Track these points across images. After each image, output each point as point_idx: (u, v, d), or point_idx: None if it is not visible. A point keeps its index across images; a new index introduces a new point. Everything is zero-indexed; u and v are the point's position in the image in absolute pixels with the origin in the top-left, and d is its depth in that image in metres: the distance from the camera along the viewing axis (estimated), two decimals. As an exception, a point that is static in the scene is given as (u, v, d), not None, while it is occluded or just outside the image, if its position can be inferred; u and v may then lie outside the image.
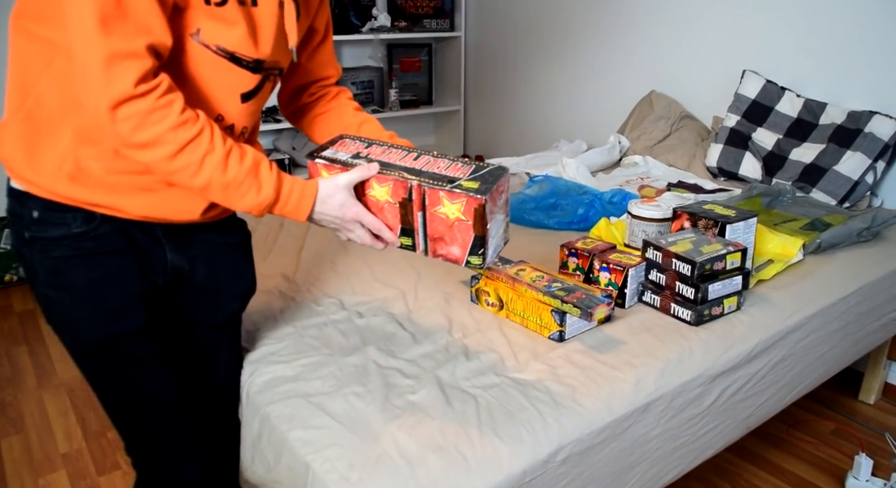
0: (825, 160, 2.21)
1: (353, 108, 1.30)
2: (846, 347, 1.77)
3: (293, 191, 1.03)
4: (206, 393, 1.26)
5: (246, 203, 0.99)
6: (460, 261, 1.06)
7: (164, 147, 0.91)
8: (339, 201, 1.05)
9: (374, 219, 1.08)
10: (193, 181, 0.95)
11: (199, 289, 1.16)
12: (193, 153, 0.93)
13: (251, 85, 1.03)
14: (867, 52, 2.25)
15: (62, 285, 1.03)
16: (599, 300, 1.31)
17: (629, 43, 3.01)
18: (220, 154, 0.95)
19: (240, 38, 0.97)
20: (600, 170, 2.66)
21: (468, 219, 1.02)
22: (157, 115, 0.89)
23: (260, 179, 0.99)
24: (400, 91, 3.76)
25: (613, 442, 1.19)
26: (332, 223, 1.08)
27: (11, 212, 1.02)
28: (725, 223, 1.52)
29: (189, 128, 0.91)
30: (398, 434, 1.07)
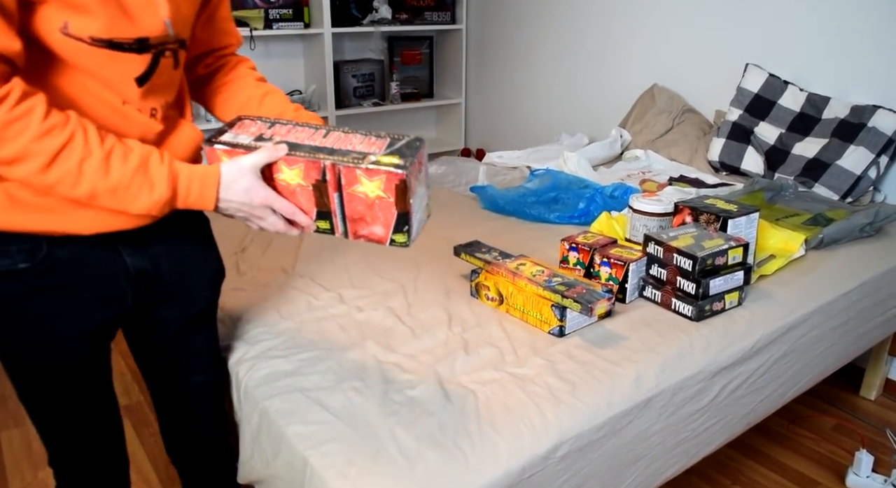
0: (828, 155, 2.20)
1: (254, 78, 1.19)
2: (848, 343, 1.76)
3: (192, 181, 0.94)
4: (185, 391, 1.23)
5: (140, 205, 0.91)
6: (384, 240, 1.00)
7: (33, 160, 0.82)
8: (245, 186, 0.96)
9: (285, 203, 0.99)
10: (76, 191, 0.87)
11: (168, 286, 1.11)
12: (68, 161, 0.84)
13: (142, 67, 0.93)
14: (871, 46, 2.23)
15: (7, 316, 0.99)
16: (600, 295, 1.30)
17: (631, 36, 2.99)
18: (99, 156, 0.86)
19: (110, 22, 0.87)
20: (602, 164, 2.65)
21: (389, 196, 0.95)
22: (16, 126, 0.80)
23: (151, 176, 0.90)
24: (401, 84, 3.74)
25: (613, 437, 1.18)
26: (240, 211, 0.98)
27: None
28: (727, 218, 1.51)
29: (57, 135, 0.83)
30: (397, 429, 1.06)
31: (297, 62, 3.53)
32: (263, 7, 3.19)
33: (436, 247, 1.77)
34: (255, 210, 0.98)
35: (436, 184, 2.43)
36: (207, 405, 1.26)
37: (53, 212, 0.93)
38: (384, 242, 1.00)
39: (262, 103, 1.16)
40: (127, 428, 2.08)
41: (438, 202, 2.22)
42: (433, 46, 3.90)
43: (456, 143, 3.98)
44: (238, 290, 1.54)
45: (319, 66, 3.37)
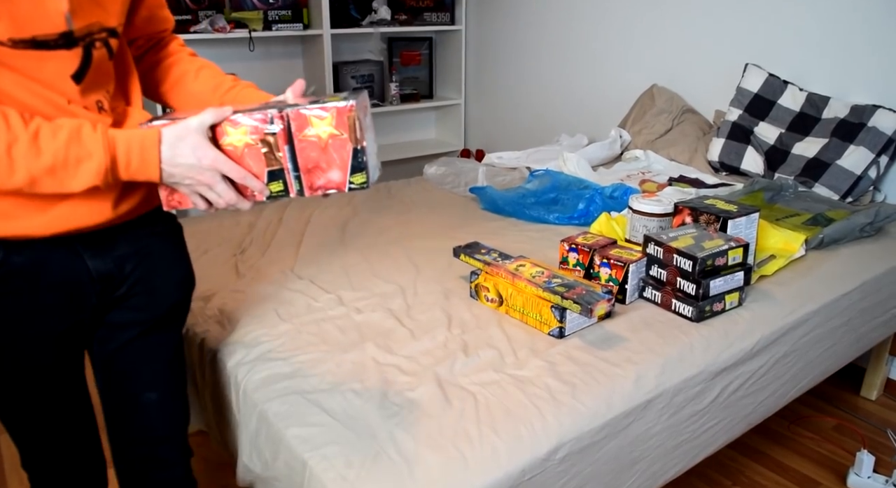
0: (828, 154, 2.19)
1: (187, 53, 1.15)
2: (848, 343, 1.76)
3: (131, 144, 0.87)
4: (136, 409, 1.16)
5: (82, 179, 0.85)
6: (342, 185, 0.96)
7: None
8: (192, 144, 0.89)
9: (235, 166, 0.92)
10: (13, 180, 0.82)
11: (133, 287, 1.06)
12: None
13: (75, 63, 0.90)
14: (870, 46, 2.23)
15: None
16: (600, 296, 1.30)
17: (631, 36, 2.99)
18: (26, 138, 0.81)
19: (26, 19, 0.83)
20: (601, 165, 2.64)
21: (342, 132, 0.92)
22: None
23: (86, 145, 0.84)
24: (400, 85, 3.74)
25: (614, 439, 1.18)
26: (187, 177, 0.91)
27: None
28: (727, 218, 1.50)
29: None
30: (396, 431, 1.06)
31: (297, 63, 3.53)
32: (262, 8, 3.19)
33: (435, 248, 1.77)
34: (203, 174, 0.91)
35: (435, 185, 2.42)
36: (162, 429, 1.18)
37: (7, 217, 0.90)
38: (343, 188, 0.96)
39: (198, 77, 1.12)
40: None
41: (438, 202, 2.22)
42: (433, 47, 3.89)
43: (455, 144, 3.98)
44: (237, 292, 1.53)
45: (319, 67, 3.37)
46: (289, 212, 2.08)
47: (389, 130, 3.98)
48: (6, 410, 1.07)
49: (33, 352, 1.01)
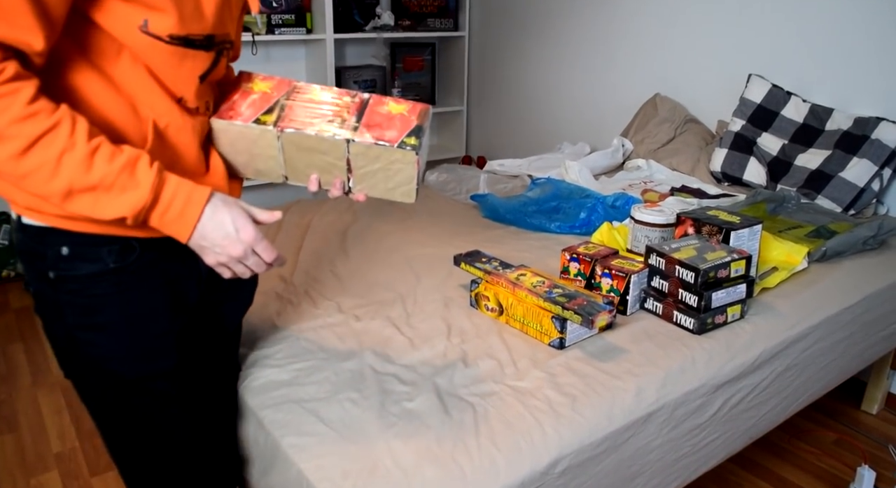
0: (831, 166, 2.18)
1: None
2: (851, 357, 1.74)
3: (178, 193, 0.86)
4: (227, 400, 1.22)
5: (116, 208, 0.82)
6: (394, 140, 0.99)
7: (9, 143, 0.76)
8: (234, 214, 0.89)
9: (270, 248, 0.93)
10: (50, 186, 0.79)
11: (226, 291, 1.11)
12: (47, 150, 0.77)
13: (207, 64, 0.92)
14: (874, 58, 2.22)
15: (97, 325, 0.94)
16: (601, 307, 1.29)
17: (634, 45, 2.98)
18: (83, 151, 0.79)
19: (188, 17, 0.86)
20: (603, 173, 2.63)
21: (412, 115, 1.02)
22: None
23: (136, 177, 0.82)
24: (403, 90, 3.73)
25: (614, 452, 1.16)
26: (218, 245, 0.89)
27: (28, 251, 0.91)
28: (730, 230, 1.49)
29: (40, 121, 0.77)
30: (394, 442, 1.04)
31: (299, 67, 3.52)
32: (266, 12, 3.19)
33: (435, 256, 1.76)
34: (235, 247, 0.90)
35: (437, 192, 2.41)
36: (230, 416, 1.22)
37: None
38: (394, 142, 0.99)
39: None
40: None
41: (439, 209, 2.21)
42: (435, 53, 3.89)
43: (457, 151, 3.97)
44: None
45: (321, 71, 3.37)
46: (288, 218, 2.06)
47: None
48: (126, 433, 1.04)
49: (158, 353, 1.00)
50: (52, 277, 0.91)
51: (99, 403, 1.02)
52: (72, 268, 0.90)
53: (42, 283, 0.92)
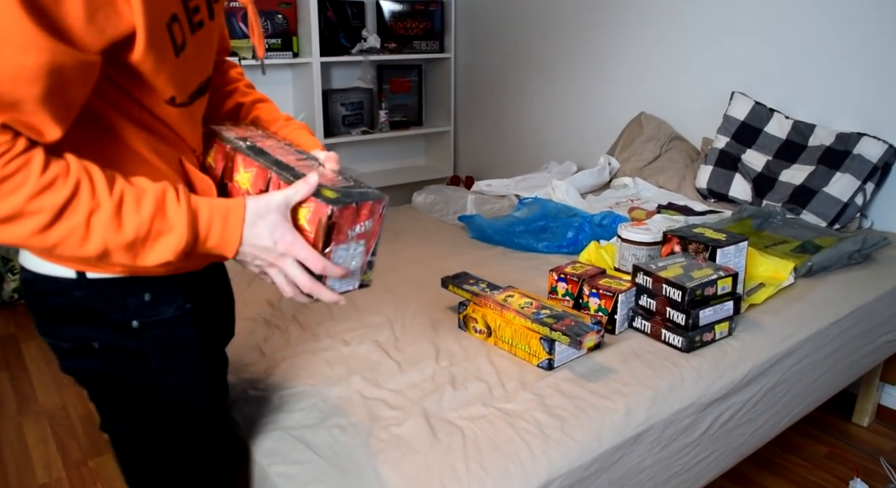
0: (815, 182, 2.21)
1: (245, 84, 1.12)
2: (839, 371, 1.75)
3: (214, 217, 0.81)
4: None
5: (158, 255, 0.78)
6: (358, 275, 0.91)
7: (31, 219, 0.71)
8: (271, 224, 0.83)
9: (314, 254, 0.84)
10: (84, 250, 0.75)
11: (216, 312, 1.06)
12: (74, 216, 0.72)
13: (205, 105, 0.93)
14: (855, 75, 2.25)
15: (182, 366, 0.93)
16: (589, 327, 1.29)
17: (619, 64, 3.02)
18: (110, 208, 0.74)
19: (202, 67, 0.86)
20: (590, 192, 2.65)
21: (311, 230, 0.84)
22: (11, 183, 0.69)
23: (168, 219, 0.78)
24: (390, 112, 3.75)
25: (604, 474, 1.16)
26: (258, 258, 0.85)
27: (97, 306, 0.86)
28: (716, 247, 1.50)
29: (60, 189, 0.71)
30: (382, 468, 1.04)
31: (286, 91, 3.54)
32: (252, 37, 3.20)
33: (423, 278, 1.76)
34: (276, 258, 0.85)
35: (424, 213, 2.42)
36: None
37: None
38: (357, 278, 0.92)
39: (253, 112, 1.10)
40: (109, 463, 2.04)
41: (427, 231, 2.21)
42: (422, 75, 3.92)
43: (445, 171, 3.99)
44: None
45: (308, 94, 3.38)
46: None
47: (378, 157, 3.98)
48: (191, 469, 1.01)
49: (224, 386, 1.04)
50: (136, 326, 0.88)
51: (166, 447, 0.98)
52: (156, 313, 0.88)
53: (118, 335, 0.88)
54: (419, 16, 3.66)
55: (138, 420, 0.95)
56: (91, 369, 0.91)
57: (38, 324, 0.91)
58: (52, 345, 0.91)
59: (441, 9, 3.70)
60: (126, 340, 0.88)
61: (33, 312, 0.91)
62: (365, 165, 3.93)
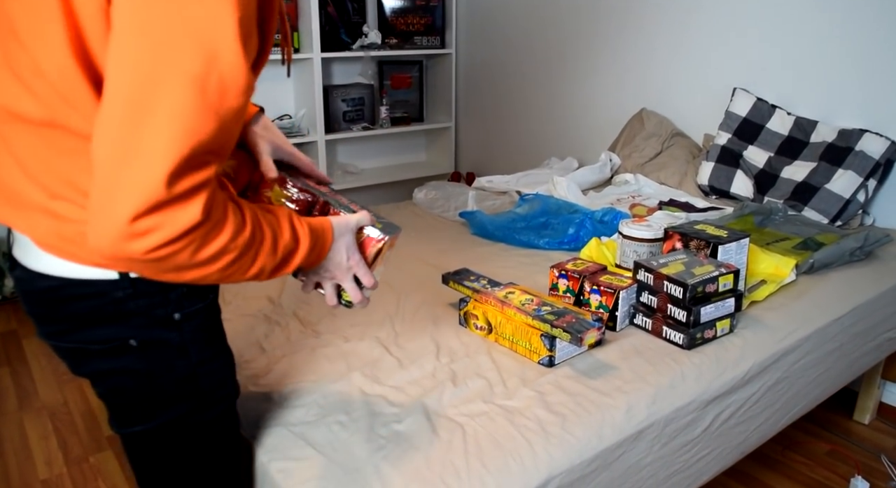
0: (816, 178, 2.20)
1: None
2: (841, 368, 1.75)
3: (317, 237, 0.92)
4: None
5: (287, 270, 0.90)
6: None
7: (226, 257, 0.78)
8: (347, 242, 0.96)
9: (369, 274, 0.99)
10: (246, 275, 0.84)
11: None
12: (251, 250, 0.81)
13: None
14: (857, 71, 2.24)
15: (217, 352, 0.98)
16: (590, 324, 1.28)
17: (620, 61, 3.01)
18: (270, 238, 0.84)
19: None
20: (591, 189, 2.64)
21: (368, 252, 1.00)
22: (219, 227, 0.76)
23: (300, 240, 0.90)
24: (391, 108, 3.75)
25: (605, 471, 1.16)
26: (328, 271, 0.97)
27: (150, 303, 0.88)
28: (717, 244, 1.50)
29: (246, 229, 0.80)
30: (382, 465, 1.03)
31: (287, 86, 3.53)
32: (253, 32, 3.19)
33: (424, 274, 1.75)
34: (341, 272, 0.97)
35: (425, 209, 2.41)
36: None
37: None
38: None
39: None
40: (110, 460, 2.04)
41: (427, 227, 2.20)
42: (423, 71, 3.91)
43: (446, 167, 3.98)
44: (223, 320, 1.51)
45: (309, 90, 3.37)
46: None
47: (379, 153, 3.98)
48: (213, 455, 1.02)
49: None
50: (178, 318, 0.91)
51: (196, 435, 0.99)
52: (193, 304, 0.92)
53: (160, 330, 0.90)
54: (420, 11, 3.65)
55: (171, 416, 0.95)
56: (126, 368, 0.91)
57: (53, 332, 0.90)
58: (73, 349, 0.90)
59: (442, 4, 3.69)
60: (168, 334, 0.90)
61: (48, 321, 0.89)
62: (366, 161, 3.93)
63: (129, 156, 0.68)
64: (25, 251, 0.87)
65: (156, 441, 0.97)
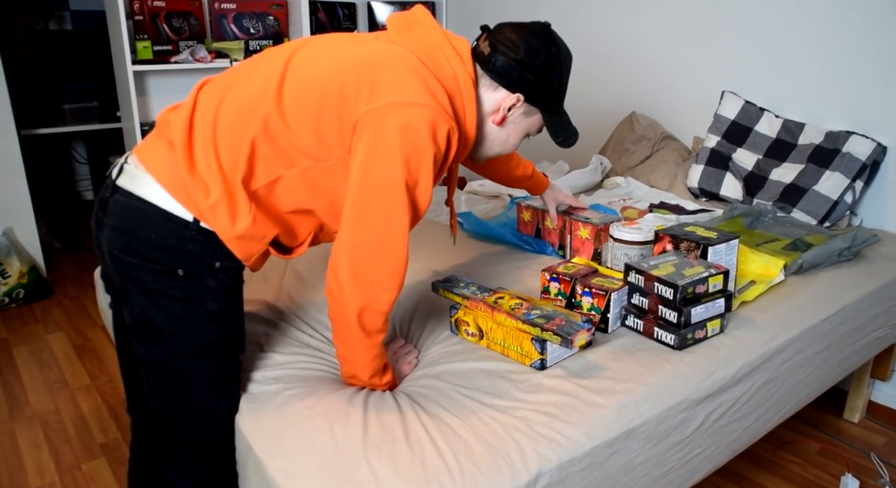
0: (805, 180, 2.22)
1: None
2: (830, 368, 1.76)
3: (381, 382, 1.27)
4: None
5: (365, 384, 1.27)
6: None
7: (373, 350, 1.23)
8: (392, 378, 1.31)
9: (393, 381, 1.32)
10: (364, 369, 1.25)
11: None
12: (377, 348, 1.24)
13: None
14: (843, 74, 2.27)
15: (238, 304, 1.22)
16: (579, 326, 1.29)
17: (609, 64, 3.03)
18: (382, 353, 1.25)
19: None
20: (582, 192, 2.66)
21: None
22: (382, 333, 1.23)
23: (384, 380, 1.27)
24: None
25: (597, 469, 1.16)
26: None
27: (202, 249, 1.14)
28: (707, 245, 1.51)
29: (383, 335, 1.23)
30: (378, 465, 1.04)
31: (278, 93, 3.53)
32: (244, 38, 3.21)
33: (414, 281, 1.76)
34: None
35: (417, 214, 2.42)
36: None
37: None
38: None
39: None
40: (103, 467, 2.04)
41: (419, 231, 2.21)
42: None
43: (438, 172, 3.99)
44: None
45: (300, 96, 3.37)
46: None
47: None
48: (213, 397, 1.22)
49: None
50: (217, 267, 1.16)
51: (208, 371, 1.20)
52: (230, 259, 1.17)
53: (205, 272, 1.16)
54: (411, 17, 3.67)
55: (190, 344, 1.18)
56: (168, 291, 1.15)
57: (127, 247, 1.14)
58: (134, 264, 1.14)
59: (432, 9, 3.70)
60: (209, 277, 1.16)
61: (128, 236, 1.14)
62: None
63: None
64: (134, 180, 1.15)
65: (175, 369, 1.20)
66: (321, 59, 1.16)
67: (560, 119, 1.35)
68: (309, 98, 1.12)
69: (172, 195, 1.12)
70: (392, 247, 1.14)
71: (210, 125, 1.14)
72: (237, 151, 1.13)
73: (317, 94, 1.12)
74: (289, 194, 1.17)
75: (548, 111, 1.33)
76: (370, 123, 1.10)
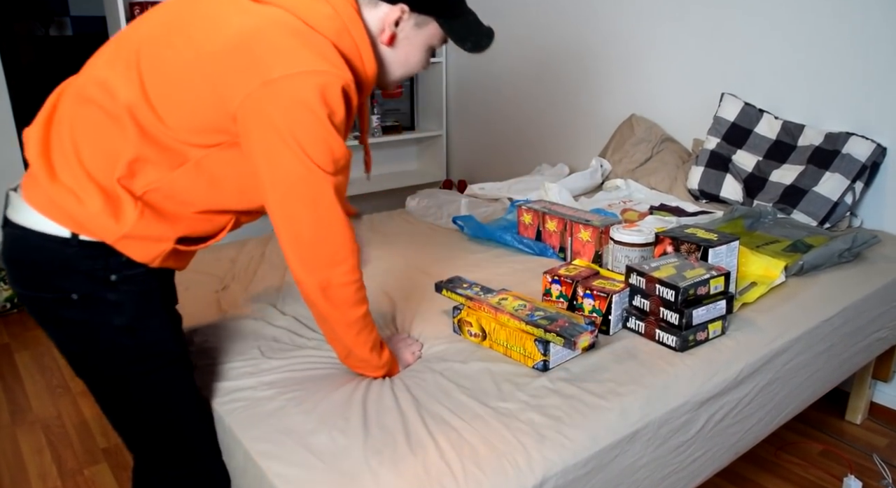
0: (805, 181, 2.22)
1: None
2: (832, 369, 1.76)
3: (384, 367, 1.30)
4: None
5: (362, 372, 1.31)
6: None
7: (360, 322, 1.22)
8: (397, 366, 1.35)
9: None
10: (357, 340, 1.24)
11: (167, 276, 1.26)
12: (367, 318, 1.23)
13: None
14: (842, 75, 2.28)
15: (152, 312, 1.14)
16: (582, 328, 1.30)
17: (609, 67, 3.03)
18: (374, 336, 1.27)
19: None
20: (583, 194, 2.66)
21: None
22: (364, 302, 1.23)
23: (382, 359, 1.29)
24: (382, 117, 3.76)
25: (600, 472, 1.17)
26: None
27: (91, 264, 1.06)
28: (708, 247, 1.51)
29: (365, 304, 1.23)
30: (380, 470, 1.04)
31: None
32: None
33: (417, 283, 1.76)
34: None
35: (417, 218, 2.42)
36: None
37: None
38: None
39: None
40: (105, 472, 2.04)
41: (420, 235, 2.22)
42: (414, 79, 3.93)
43: (438, 175, 4.00)
44: (219, 329, 1.51)
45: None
46: (271, 247, 2.06)
47: (372, 162, 3.98)
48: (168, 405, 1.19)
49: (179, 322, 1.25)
50: (113, 280, 1.08)
51: (144, 385, 1.16)
52: (130, 268, 1.09)
53: (100, 288, 1.08)
54: (410, 21, 3.67)
55: (118, 368, 1.13)
56: (71, 319, 1.08)
57: (21, 279, 1.08)
58: (33, 298, 1.08)
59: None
60: (107, 293, 1.08)
61: (18, 267, 1.07)
62: (358, 171, 3.94)
63: None
64: (13, 208, 1.07)
65: (112, 391, 1.15)
66: (179, 45, 1.04)
67: (463, 22, 1.18)
68: (178, 91, 1.03)
69: (41, 211, 1.03)
70: (327, 224, 1.09)
71: (67, 129, 1.05)
72: (105, 151, 1.03)
73: (185, 85, 1.02)
74: (189, 193, 1.09)
75: (443, 16, 1.16)
76: (251, 113, 1.01)
